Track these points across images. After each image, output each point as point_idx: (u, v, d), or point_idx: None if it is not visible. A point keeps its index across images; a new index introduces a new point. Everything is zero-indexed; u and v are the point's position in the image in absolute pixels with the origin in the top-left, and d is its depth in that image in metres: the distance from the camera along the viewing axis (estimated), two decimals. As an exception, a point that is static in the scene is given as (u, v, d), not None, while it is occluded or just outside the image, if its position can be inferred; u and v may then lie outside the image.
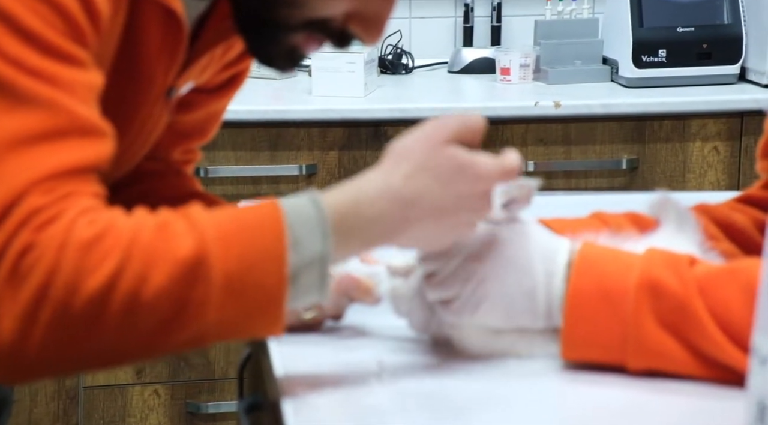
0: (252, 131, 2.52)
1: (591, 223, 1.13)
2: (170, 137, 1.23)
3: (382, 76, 2.91)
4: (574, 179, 2.59)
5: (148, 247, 0.87)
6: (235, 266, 0.88)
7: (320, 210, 0.92)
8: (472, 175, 0.95)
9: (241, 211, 0.92)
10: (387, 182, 0.94)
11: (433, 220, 0.95)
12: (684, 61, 2.69)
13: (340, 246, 0.93)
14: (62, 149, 0.88)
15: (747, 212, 1.15)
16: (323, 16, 1.02)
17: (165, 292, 0.86)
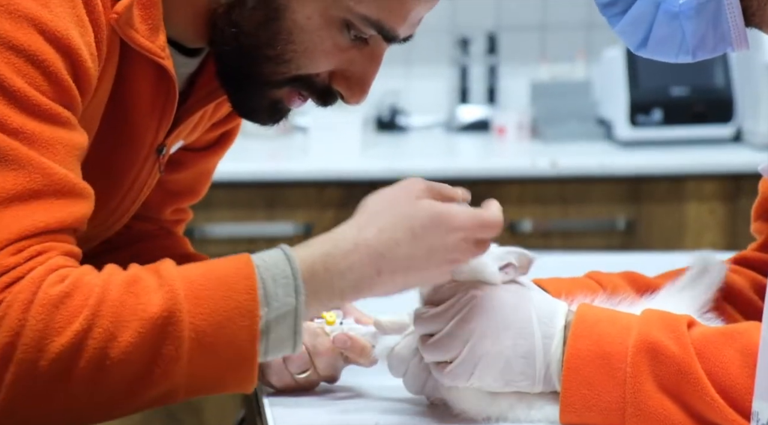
0: (248, 190, 2.52)
1: (587, 283, 1.13)
2: (161, 196, 1.23)
3: (379, 134, 2.92)
4: (571, 239, 2.59)
5: (117, 304, 0.86)
6: (206, 323, 0.88)
7: (293, 264, 0.92)
8: (446, 226, 0.95)
9: (213, 265, 0.92)
10: (360, 235, 0.95)
11: (404, 271, 0.95)
12: (679, 121, 2.71)
13: (313, 300, 0.93)
14: (36, 209, 0.88)
15: (744, 274, 1.15)
16: (307, 73, 1.03)
17: (134, 350, 0.86)
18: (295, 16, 1.00)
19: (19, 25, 0.89)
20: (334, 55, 1.02)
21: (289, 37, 1.01)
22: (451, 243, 0.95)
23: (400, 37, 1.04)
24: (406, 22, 1.02)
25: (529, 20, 3.05)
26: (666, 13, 1.00)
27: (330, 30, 1.01)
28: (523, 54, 3.04)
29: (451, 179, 2.73)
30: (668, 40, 1.02)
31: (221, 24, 1.02)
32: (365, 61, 1.04)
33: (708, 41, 1.01)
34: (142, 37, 0.99)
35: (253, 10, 1.00)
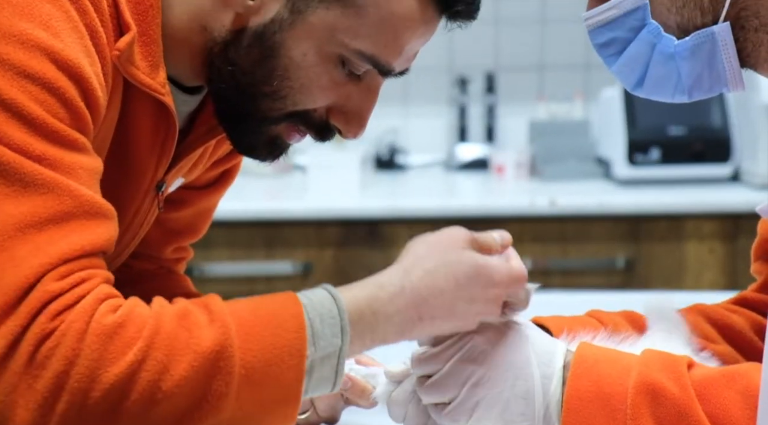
0: (247, 229, 2.52)
1: (587, 322, 1.13)
2: (161, 234, 1.23)
3: (378, 173, 2.93)
4: (571, 278, 2.59)
5: (171, 337, 0.86)
6: (255, 359, 0.88)
7: (339, 304, 0.93)
8: (487, 279, 0.97)
9: (261, 303, 0.92)
10: (406, 278, 0.96)
11: (443, 318, 0.96)
12: (677, 160, 2.72)
13: (356, 341, 0.93)
14: (70, 231, 0.88)
15: (744, 315, 1.14)
16: (304, 108, 1.03)
17: (186, 383, 0.86)
18: (290, 53, 1.01)
19: (32, 54, 0.90)
20: (331, 90, 1.03)
21: (285, 74, 1.01)
22: (492, 297, 0.97)
23: (395, 71, 1.04)
24: (401, 56, 1.03)
25: (527, 60, 3.07)
26: (661, 54, 1.01)
27: (325, 66, 1.01)
28: (522, 93, 3.06)
29: (451, 217, 2.75)
30: (664, 81, 1.02)
31: (218, 62, 1.03)
32: (362, 95, 1.05)
33: (704, 82, 1.01)
34: (143, 74, 1.00)
35: (248, 48, 1.01)
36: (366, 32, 1.00)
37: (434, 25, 1.04)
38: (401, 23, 1.01)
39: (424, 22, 1.02)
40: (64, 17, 0.92)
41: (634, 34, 1.01)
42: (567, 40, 3.02)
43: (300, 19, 1.00)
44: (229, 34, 1.02)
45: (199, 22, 1.02)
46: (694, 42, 0.99)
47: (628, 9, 1.00)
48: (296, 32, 1.00)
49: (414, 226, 2.54)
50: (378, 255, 2.52)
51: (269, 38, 1.01)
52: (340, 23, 1.00)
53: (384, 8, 1.00)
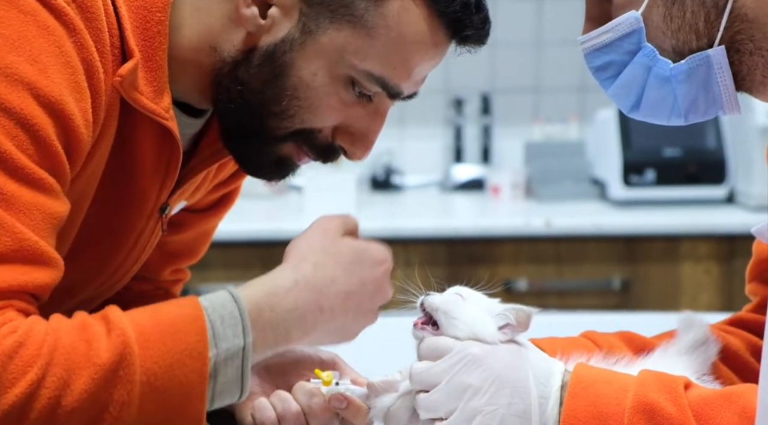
0: (243, 250, 2.52)
1: (583, 343, 1.13)
2: (160, 257, 1.23)
3: (374, 194, 2.93)
4: (566, 298, 2.59)
5: (69, 351, 0.87)
6: (156, 366, 0.89)
7: (240, 305, 0.94)
8: (370, 259, 1.00)
9: (161, 309, 0.93)
10: (297, 273, 0.97)
11: (343, 307, 0.98)
12: (672, 182, 2.73)
13: (259, 340, 0.94)
14: (1, 271, 0.88)
15: (740, 336, 1.15)
16: (311, 127, 1.04)
17: (87, 397, 0.86)
18: (300, 73, 1.01)
19: (13, 88, 0.90)
20: (339, 110, 1.04)
21: (294, 93, 1.02)
22: (379, 275, 1.00)
23: (403, 94, 1.05)
24: (410, 79, 1.04)
25: (522, 82, 3.08)
26: (657, 77, 1.01)
27: (335, 86, 1.02)
28: (517, 115, 3.07)
29: (446, 238, 2.75)
30: (660, 104, 1.03)
31: (227, 82, 1.03)
32: (369, 117, 1.05)
33: (699, 105, 1.02)
34: (147, 99, 1.00)
35: (259, 67, 1.02)
36: (376, 54, 1.01)
37: (444, 48, 1.05)
38: (411, 46, 1.02)
39: (434, 46, 1.03)
40: (56, 52, 0.92)
41: (630, 58, 1.02)
42: (563, 62, 3.03)
43: (311, 39, 1.01)
44: (239, 54, 1.02)
45: (208, 42, 1.03)
46: (689, 65, 1.00)
47: (624, 32, 1.01)
48: (306, 52, 1.01)
49: (410, 246, 2.55)
50: (374, 276, 2.52)
51: (280, 57, 1.01)
52: (350, 44, 1.00)
53: (394, 30, 1.01)
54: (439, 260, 2.56)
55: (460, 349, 0.98)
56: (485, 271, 2.55)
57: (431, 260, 2.55)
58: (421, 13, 1.02)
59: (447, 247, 2.56)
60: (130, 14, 0.99)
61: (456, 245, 2.57)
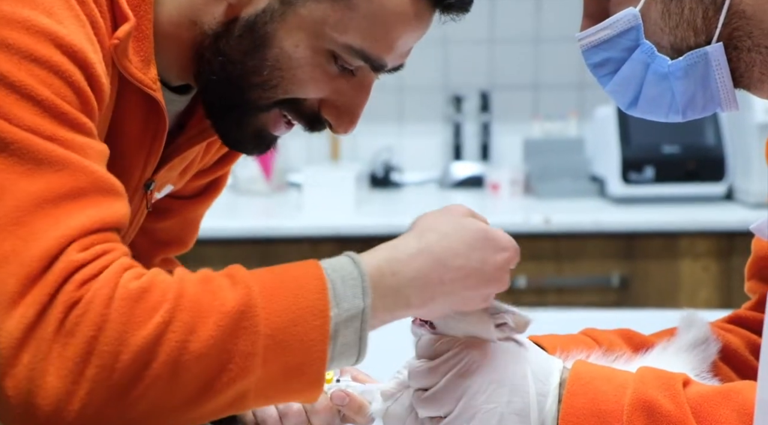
0: (242, 246, 2.52)
1: (582, 340, 1.13)
2: (149, 245, 1.23)
3: (373, 191, 2.93)
4: (566, 295, 2.59)
5: (195, 299, 0.87)
6: (279, 319, 0.88)
7: (360, 267, 0.93)
8: (495, 244, 0.98)
9: (283, 268, 0.93)
10: (422, 241, 0.96)
11: (463, 284, 0.96)
12: (671, 179, 2.73)
13: (379, 304, 0.93)
14: (87, 206, 0.89)
15: (738, 334, 1.15)
16: (294, 97, 1.04)
17: (213, 344, 0.86)
18: (282, 44, 1.01)
19: (37, 39, 0.90)
20: (323, 83, 1.03)
21: (276, 64, 1.02)
22: (500, 262, 0.98)
23: (387, 67, 1.04)
24: (393, 52, 1.03)
25: (521, 79, 3.08)
26: (655, 74, 1.01)
27: (317, 59, 1.02)
28: (516, 112, 3.07)
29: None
30: (658, 100, 1.03)
31: (208, 55, 1.03)
32: (354, 91, 1.05)
33: (697, 101, 1.02)
34: (135, 69, 1.00)
35: (239, 39, 1.02)
36: (356, 27, 1.00)
37: (427, 18, 1.04)
38: (392, 17, 1.01)
39: (416, 16, 1.02)
40: (66, 5, 0.93)
41: (628, 54, 1.02)
42: (561, 59, 3.03)
43: (291, 10, 1.00)
44: (220, 26, 1.02)
45: (189, 17, 1.03)
46: (687, 62, 1.00)
47: (622, 29, 1.01)
48: (287, 24, 1.01)
49: (409, 244, 2.55)
50: (373, 273, 2.52)
51: (260, 29, 1.01)
52: (330, 17, 1.00)
53: (375, 2, 1.00)
54: (438, 257, 2.56)
55: (459, 347, 0.98)
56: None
57: (430, 257, 2.55)
58: None
59: (446, 244, 2.56)
60: None
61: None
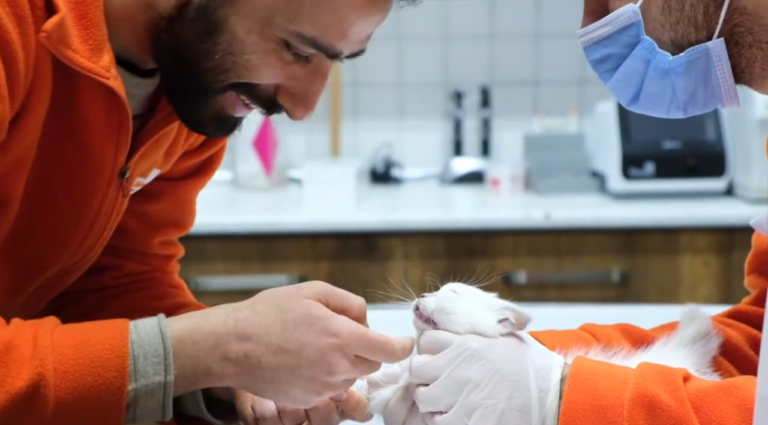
0: (243, 242, 2.52)
1: (582, 336, 1.13)
2: (143, 227, 1.23)
3: (373, 187, 2.93)
4: (566, 291, 2.60)
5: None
6: (72, 397, 0.91)
7: (165, 342, 0.95)
8: (319, 328, 0.96)
9: (88, 338, 0.94)
10: (232, 314, 0.97)
11: (273, 361, 0.96)
12: (671, 175, 2.73)
13: (180, 374, 0.95)
14: None
15: (739, 328, 1.15)
16: (248, 81, 1.03)
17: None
18: (234, 29, 1.01)
19: None
20: (277, 69, 1.03)
21: (228, 48, 1.01)
22: (324, 347, 0.96)
23: (342, 54, 1.03)
24: (348, 39, 1.02)
25: (521, 75, 3.08)
26: (656, 70, 1.01)
27: (270, 45, 1.01)
28: (517, 107, 3.07)
29: (446, 230, 2.75)
30: (659, 97, 1.03)
31: (164, 37, 1.03)
32: (309, 78, 1.04)
33: (698, 98, 1.02)
34: (83, 58, 0.99)
35: (192, 22, 1.01)
36: (306, 15, 0.99)
37: (381, 4, 1.02)
38: (344, 4, 0.99)
39: (369, 2, 1.00)
40: None
41: (629, 51, 1.02)
42: (562, 54, 3.03)
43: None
44: (173, 9, 1.01)
45: (143, 0, 1.02)
46: (688, 58, 1.00)
47: (622, 25, 1.01)
48: (239, 9, 1.00)
49: (409, 239, 2.55)
50: (373, 268, 2.53)
51: (212, 13, 1.00)
52: (280, 5, 0.99)
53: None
54: (439, 253, 2.56)
55: (460, 343, 0.98)
56: (484, 264, 2.55)
57: (430, 253, 2.55)
58: None
59: (446, 240, 2.57)
60: None
61: (455, 238, 2.57)
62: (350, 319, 0.98)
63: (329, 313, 0.97)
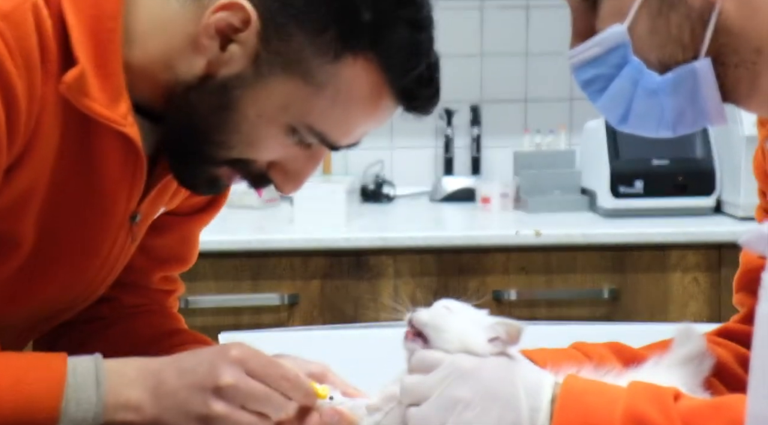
0: (233, 260, 2.52)
1: (573, 354, 1.13)
2: (146, 262, 1.23)
3: (364, 205, 2.94)
4: (557, 308, 2.60)
5: None
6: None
7: (99, 390, 0.98)
8: (207, 383, 1.00)
9: (24, 379, 0.97)
10: (152, 362, 1.01)
11: (173, 406, 0.99)
12: (660, 192, 2.74)
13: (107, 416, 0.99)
14: None
15: (728, 347, 1.15)
16: (247, 158, 1.06)
17: None
18: (247, 110, 1.03)
19: None
20: (277, 150, 1.06)
21: (237, 127, 1.04)
22: (180, 387, 1.00)
23: (342, 147, 1.08)
24: (351, 136, 1.07)
25: (511, 93, 3.09)
26: (644, 90, 1.02)
27: (277, 129, 1.04)
28: (507, 125, 3.08)
29: (436, 248, 2.75)
30: (648, 116, 1.04)
31: (177, 102, 1.05)
32: (305, 159, 1.08)
33: (687, 117, 1.03)
34: (101, 106, 1.01)
35: (209, 96, 1.04)
36: (320, 111, 1.03)
37: (390, 112, 1.08)
38: (357, 109, 1.04)
39: (379, 109, 1.06)
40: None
41: (617, 71, 1.02)
42: (551, 72, 3.04)
43: (262, 82, 1.03)
44: (194, 79, 1.04)
45: (166, 60, 1.04)
46: (676, 78, 1.01)
47: (610, 46, 1.02)
48: (256, 93, 1.03)
49: (400, 257, 2.55)
50: (364, 286, 2.53)
51: (230, 91, 1.03)
52: (297, 96, 1.03)
53: (343, 93, 1.03)
54: (429, 270, 2.56)
55: (451, 362, 0.98)
56: (475, 281, 2.55)
57: (421, 270, 2.56)
58: (373, 79, 1.03)
59: (437, 257, 2.57)
60: (79, 23, 1.00)
61: (446, 256, 2.57)
62: (249, 380, 1.00)
63: (228, 370, 1.00)
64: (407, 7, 1.03)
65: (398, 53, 1.03)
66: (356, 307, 2.51)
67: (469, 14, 3.04)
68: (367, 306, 2.51)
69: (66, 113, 1.01)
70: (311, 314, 2.53)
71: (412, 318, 1.02)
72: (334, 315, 2.51)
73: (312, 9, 1.00)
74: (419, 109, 1.08)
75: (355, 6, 1.01)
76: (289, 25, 1.01)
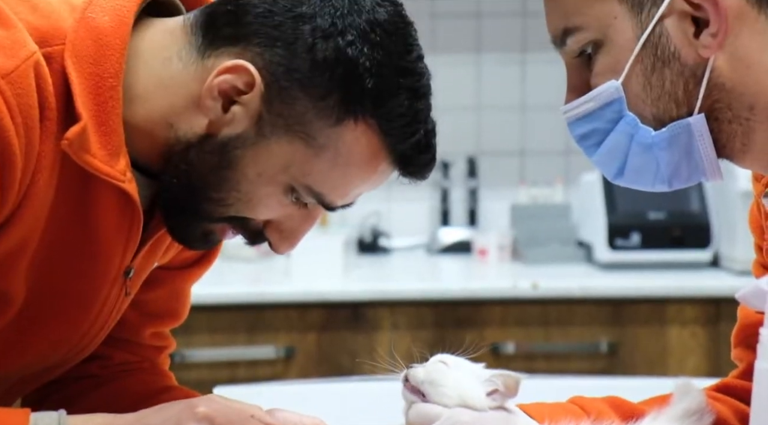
0: (229, 313, 2.51)
1: (570, 409, 1.12)
2: (138, 318, 1.23)
3: (361, 256, 2.93)
4: (554, 361, 2.58)
5: None
6: None
7: None
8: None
9: None
10: (113, 418, 1.01)
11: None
12: (657, 245, 2.74)
13: None
14: None
15: (727, 403, 1.14)
16: (245, 216, 1.07)
17: None
18: (246, 170, 1.04)
19: None
20: (275, 209, 1.07)
21: (236, 186, 1.05)
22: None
23: (338, 207, 1.09)
24: (347, 198, 1.08)
25: (508, 145, 3.11)
26: (640, 145, 1.03)
27: (275, 189, 1.05)
28: (503, 178, 3.09)
29: (433, 300, 2.74)
30: (644, 170, 1.04)
31: (176, 160, 1.05)
32: (301, 219, 1.09)
33: (682, 171, 1.03)
34: (101, 162, 1.01)
35: (209, 155, 1.04)
36: (319, 172, 1.05)
37: (386, 176, 1.09)
38: (355, 171, 1.06)
39: (377, 173, 1.08)
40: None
41: (612, 126, 1.03)
42: (547, 125, 3.06)
43: (263, 142, 1.04)
44: (195, 138, 1.05)
45: (167, 119, 1.05)
46: (670, 133, 1.01)
47: (605, 102, 1.02)
48: (256, 153, 1.04)
49: (396, 309, 2.54)
50: (361, 338, 2.51)
51: (230, 151, 1.04)
52: (298, 159, 1.04)
53: (343, 156, 1.04)
54: (426, 323, 2.55)
55: (449, 416, 0.98)
56: (472, 334, 2.54)
57: (418, 323, 2.55)
58: (372, 143, 1.05)
59: (434, 310, 2.56)
60: (81, 80, 1.01)
61: (443, 308, 2.57)
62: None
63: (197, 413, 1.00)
64: (408, 76, 1.05)
65: (398, 119, 1.05)
66: (353, 359, 2.50)
67: (466, 67, 3.06)
68: (365, 359, 2.50)
69: (63, 170, 1.01)
70: (308, 367, 2.51)
71: (408, 376, 1.01)
72: (331, 368, 2.50)
73: (317, 74, 1.02)
74: (415, 174, 1.10)
75: (360, 73, 1.02)
76: (293, 89, 1.02)
